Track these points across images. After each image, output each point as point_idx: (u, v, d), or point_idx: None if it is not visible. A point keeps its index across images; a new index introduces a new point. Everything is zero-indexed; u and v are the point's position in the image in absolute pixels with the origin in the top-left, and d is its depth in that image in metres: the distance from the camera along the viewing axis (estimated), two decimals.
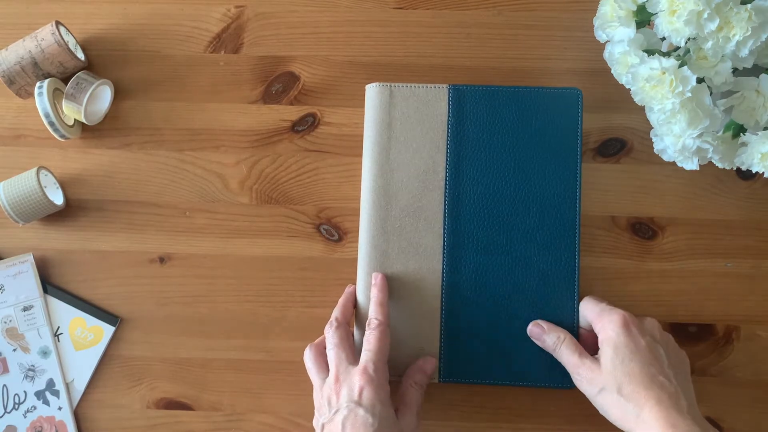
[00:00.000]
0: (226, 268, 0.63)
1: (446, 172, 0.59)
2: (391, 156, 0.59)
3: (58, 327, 0.62)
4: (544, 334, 0.56)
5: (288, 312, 0.62)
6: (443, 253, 0.58)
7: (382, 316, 0.56)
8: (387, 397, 0.52)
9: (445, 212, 0.59)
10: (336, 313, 0.58)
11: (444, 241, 0.58)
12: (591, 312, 0.55)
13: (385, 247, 0.58)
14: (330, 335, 0.56)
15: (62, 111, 0.62)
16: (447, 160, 0.59)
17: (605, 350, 0.52)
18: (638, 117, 0.63)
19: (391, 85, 0.60)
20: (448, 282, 0.58)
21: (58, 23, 0.61)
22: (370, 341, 0.54)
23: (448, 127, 0.59)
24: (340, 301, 0.59)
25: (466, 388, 0.61)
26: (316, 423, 0.55)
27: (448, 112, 0.59)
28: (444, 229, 0.58)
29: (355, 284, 0.59)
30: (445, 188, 0.59)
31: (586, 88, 0.63)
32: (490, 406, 0.61)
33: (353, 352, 0.55)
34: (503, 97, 0.59)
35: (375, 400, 0.51)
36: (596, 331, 0.54)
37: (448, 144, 0.59)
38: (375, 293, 0.57)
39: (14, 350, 0.62)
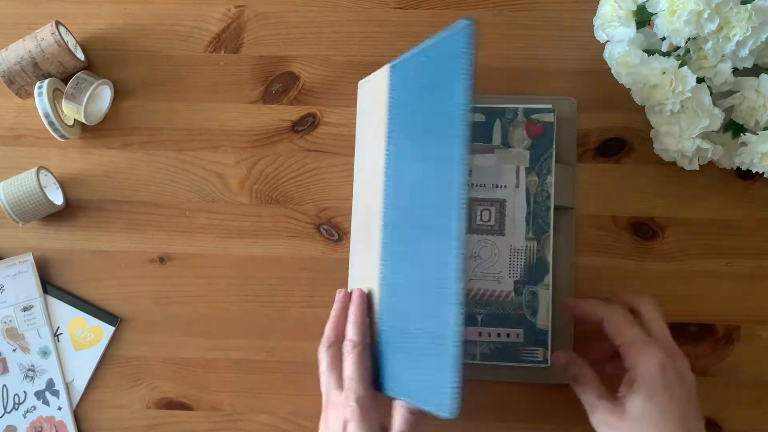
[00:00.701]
0: (226, 268, 0.63)
1: (386, 161, 0.53)
2: (362, 153, 0.57)
3: (58, 327, 0.62)
4: (568, 366, 0.52)
5: (288, 312, 0.62)
6: (381, 253, 0.53)
7: (356, 336, 0.52)
8: (374, 424, 0.49)
9: (384, 207, 0.53)
10: (327, 331, 0.54)
11: (382, 240, 0.53)
12: (623, 332, 0.49)
13: (354, 253, 0.57)
14: (321, 357, 0.53)
15: (62, 111, 0.62)
16: (387, 147, 0.53)
17: (636, 394, 0.46)
18: (638, 117, 0.63)
19: (364, 81, 0.58)
20: (383, 286, 0.52)
21: (58, 23, 0.61)
22: (347, 367, 0.51)
23: (388, 110, 0.53)
24: (332, 314, 0.55)
25: (468, 389, 0.60)
26: None
27: (388, 93, 0.54)
28: (382, 226, 0.53)
29: (346, 288, 0.59)
30: (385, 180, 0.54)
31: (587, 88, 0.63)
32: (490, 406, 0.61)
33: (340, 377, 0.52)
34: (419, 62, 0.49)
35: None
36: (624, 361, 0.49)
37: (387, 128, 0.54)
38: (352, 310, 0.54)
39: (14, 350, 0.62)
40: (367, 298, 0.54)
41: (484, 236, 0.60)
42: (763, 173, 0.53)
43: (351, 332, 0.52)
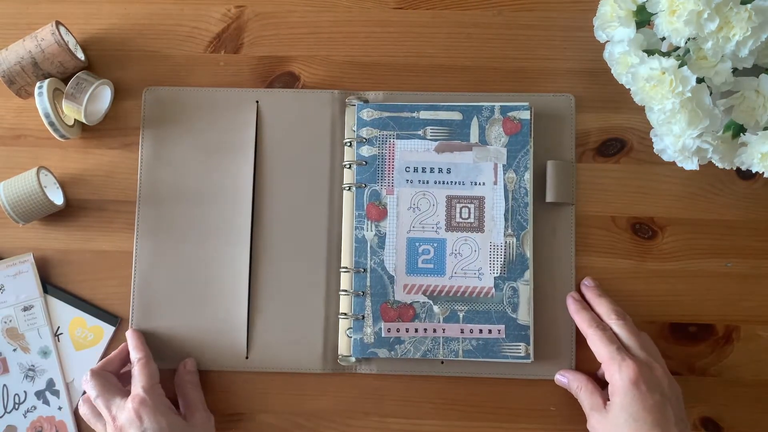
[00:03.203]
0: None
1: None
2: None
3: (58, 327, 0.62)
4: (569, 383, 0.58)
5: None
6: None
7: (139, 352, 0.58)
8: (167, 408, 0.55)
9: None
10: (96, 366, 0.58)
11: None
12: (601, 351, 0.55)
13: None
14: (89, 388, 0.56)
15: (62, 111, 0.62)
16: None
17: (614, 403, 0.53)
18: (638, 117, 0.63)
19: None
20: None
21: (58, 23, 0.61)
22: (135, 375, 0.57)
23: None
24: (112, 354, 0.60)
25: (465, 388, 0.61)
26: None
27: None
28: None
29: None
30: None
31: (587, 87, 0.63)
32: (490, 406, 0.61)
33: (122, 391, 0.56)
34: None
35: (156, 416, 0.54)
36: (605, 374, 0.55)
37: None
38: (129, 344, 0.60)
39: (14, 350, 0.62)
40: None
41: (464, 233, 0.60)
42: (763, 173, 0.53)
43: (133, 353, 0.59)
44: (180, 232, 0.62)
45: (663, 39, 0.56)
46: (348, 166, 0.62)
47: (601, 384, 0.57)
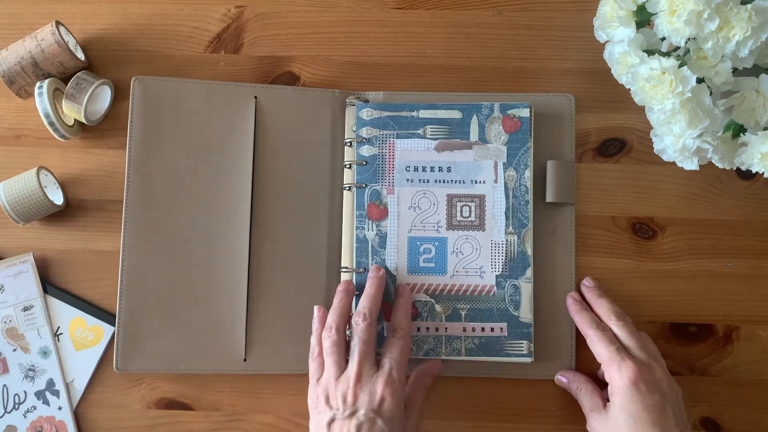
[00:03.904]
0: None
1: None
2: None
3: (58, 327, 0.62)
4: (569, 383, 0.58)
5: None
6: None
7: (407, 325, 0.57)
8: (403, 407, 0.54)
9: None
10: (369, 306, 0.56)
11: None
12: (601, 352, 0.55)
13: None
14: (361, 329, 0.54)
15: (62, 111, 0.62)
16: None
17: (614, 404, 0.53)
18: (638, 117, 0.63)
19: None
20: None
21: (58, 23, 0.61)
22: (393, 351, 0.55)
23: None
24: (371, 292, 0.57)
25: (465, 388, 0.61)
26: (318, 410, 0.53)
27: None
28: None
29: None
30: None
31: (587, 87, 0.63)
32: (491, 406, 0.61)
33: (374, 355, 0.55)
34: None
35: (394, 412, 0.52)
36: (605, 375, 0.55)
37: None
38: (402, 303, 0.58)
39: (14, 350, 0.61)
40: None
41: (465, 232, 0.60)
42: (763, 173, 0.53)
43: (403, 321, 0.57)
44: (173, 231, 0.61)
45: (663, 39, 0.56)
46: (348, 165, 0.62)
47: (601, 385, 0.57)
